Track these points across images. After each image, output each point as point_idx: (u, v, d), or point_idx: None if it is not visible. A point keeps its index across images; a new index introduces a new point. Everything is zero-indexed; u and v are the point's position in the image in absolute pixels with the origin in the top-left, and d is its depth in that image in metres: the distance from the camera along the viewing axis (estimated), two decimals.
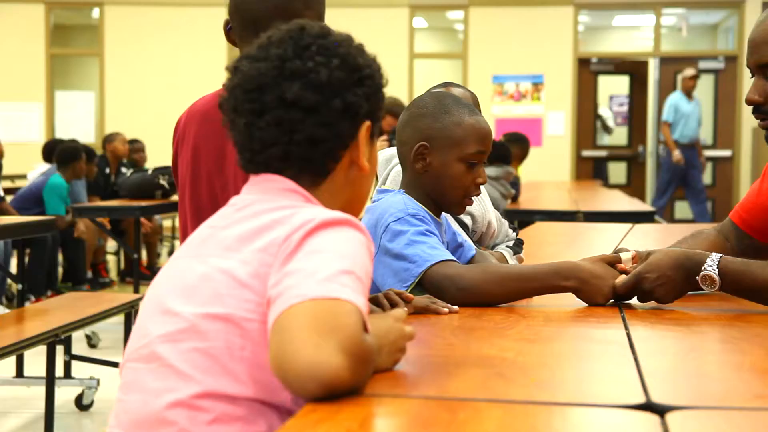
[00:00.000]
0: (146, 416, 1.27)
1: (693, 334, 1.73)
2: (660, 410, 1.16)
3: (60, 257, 7.67)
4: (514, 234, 2.67)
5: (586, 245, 3.49)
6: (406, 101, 10.92)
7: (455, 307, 1.87)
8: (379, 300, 1.85)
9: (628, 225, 4.19)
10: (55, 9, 12.08)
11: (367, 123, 1.40)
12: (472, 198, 2.44)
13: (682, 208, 11.85)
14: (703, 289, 1.88)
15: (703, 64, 11.89)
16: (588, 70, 12.04)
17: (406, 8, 11.84)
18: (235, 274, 1.28)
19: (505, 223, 2.68)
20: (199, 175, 1.88)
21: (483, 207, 2.54)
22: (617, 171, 12.20)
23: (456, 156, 2.08)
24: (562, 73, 11.83)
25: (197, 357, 1.27)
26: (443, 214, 2.20)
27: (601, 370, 1.43)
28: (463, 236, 2.28)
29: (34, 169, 8.18)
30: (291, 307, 1.17)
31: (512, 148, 6.17)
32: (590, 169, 12.08)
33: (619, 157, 12.17)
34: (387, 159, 2.57)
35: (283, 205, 1.34)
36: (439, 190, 2.10)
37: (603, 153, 12.11)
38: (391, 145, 6.93)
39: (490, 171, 5.83)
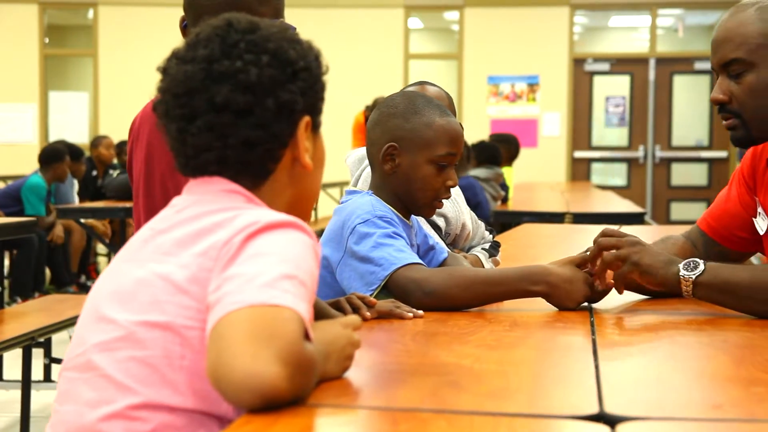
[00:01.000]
0: (81, 428, 1.22)
1: (660, 339, 1.68)
2: (612, 421, 1.11)
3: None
4: (491, 236, 2.62)
5: (569, 247, 3.42)
6: None
7: (420, 312, 1.82)
8: (341, 304, 1.80)
9: (615, 227, 4.14)
10: (49, 9, 12.03)
11: (306, 118, 1.35)
12: (445, 199, 2.39)
13: (678, 210, 11.81)
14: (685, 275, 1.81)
15: (699, 65, 11.84)
16: (583, 71, 11.99)
17: (401, 9, 11.79)
18: (173, 279, 1.24)
19: (481, 225, 2.62)
20: (153, 175, 1.84)
21: (457, 208, 2.49)
22: (618, 173, 12.12)
23: (426, 158, 2.04)
24: (558, 74, 11.77)
25: (134, 367, 1.22)
26: (414, 216, 2.16)
27: (559, 378, 1.38)
28: (434, 239, 2.23)
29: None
30: (229, 314, 1.13)
31: (500, 148, 6.12)
32: (586, 170, 12.02)
33: (619, 159, 12.10)
34: (359, 159, 2.52)
35: (224, 206, 1.29)
36: (408, 192, 2.06)
37: (599, 154, 12.04)
38: None
39: (480, 172, 5.79)
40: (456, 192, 2.55)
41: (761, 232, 2.09)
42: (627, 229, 3.94)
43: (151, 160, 1.85)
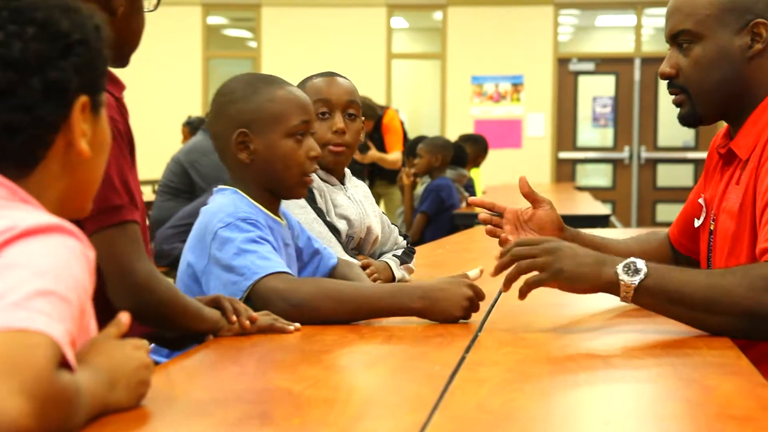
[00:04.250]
0: None
1: (540, 362, 1.48)
2: None
3: None
4: (405, 242, 2.43)
5: None
6: (383, 102, 10.68)
7: (297, 325, 1.65)
8: (221, 302, 1.63)
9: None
10: None
11: (83, 99, 1.16)
12: (351, 199, 2.23)
13: (663, 211, 11.63)
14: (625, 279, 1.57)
15: None
16: (568, 71, 11.81)
17: (384, 8, 11.63)
18: None
19: (395, 229, 2.43)
20: None
21: (361, 210, 2.29)
22: (603, 174, 11.95)
23: (281, 133, 1.85)
24: (543, 74, 11.61)
25: None
26: (295, 219, 1.98)
27: (392, 407, 1.19)
28: (322, 243, 2.04)
29: None
30: None
31: (466, 148, 5.93)
32: (570, 172, 11.84)
33: (604, 160, 11.93)
34: None
35: None
36: (273, 176, 1.87)
37: (584, 155, 11.86)
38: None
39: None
40: (363, 193, 2.37)
41: (696, 225, 1.93)
42: (595, 232, 3.75)
43: None
